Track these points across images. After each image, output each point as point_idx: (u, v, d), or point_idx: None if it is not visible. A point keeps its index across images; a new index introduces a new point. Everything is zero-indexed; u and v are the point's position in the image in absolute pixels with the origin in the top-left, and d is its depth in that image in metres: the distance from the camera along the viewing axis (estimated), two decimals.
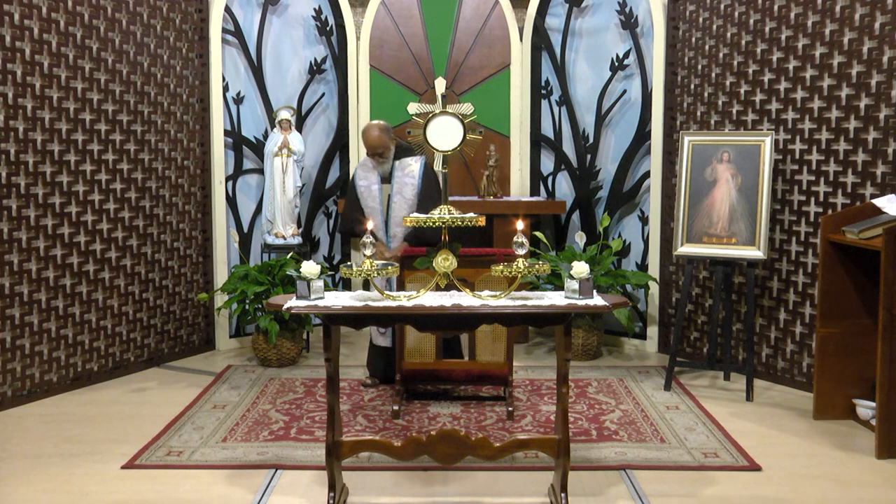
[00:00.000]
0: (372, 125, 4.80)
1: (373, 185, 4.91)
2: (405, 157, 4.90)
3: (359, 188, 4.96)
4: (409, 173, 4.86)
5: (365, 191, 4.93)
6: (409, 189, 4.84)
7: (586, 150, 6.25)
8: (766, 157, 4.85)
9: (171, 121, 5.63)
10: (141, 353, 5.49)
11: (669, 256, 5.67)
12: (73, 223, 4.99)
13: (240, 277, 5.52)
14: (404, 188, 4.85)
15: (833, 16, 4.75)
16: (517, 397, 4.83)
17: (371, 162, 4.89)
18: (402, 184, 4.85)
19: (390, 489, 3.64)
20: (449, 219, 3.20)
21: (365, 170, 4.95)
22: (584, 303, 3.26)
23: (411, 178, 4.85)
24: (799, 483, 3.70)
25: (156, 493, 3.59)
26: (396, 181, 4.86)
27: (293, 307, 3.25)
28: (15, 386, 4.70)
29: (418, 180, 4.84)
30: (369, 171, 4.92)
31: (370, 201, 4.90)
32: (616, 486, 3.65)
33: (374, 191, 4.89)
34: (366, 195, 4.92)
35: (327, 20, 6.35)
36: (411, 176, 4.85)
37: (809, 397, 4.64)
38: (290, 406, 4.70)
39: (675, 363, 5.04)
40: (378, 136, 4.76)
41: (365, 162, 4.97)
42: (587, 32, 6.23)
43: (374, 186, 4.90)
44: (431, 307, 3.22)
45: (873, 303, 4.30)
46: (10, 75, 4.61)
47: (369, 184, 4.92)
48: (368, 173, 4.93)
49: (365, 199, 4.92)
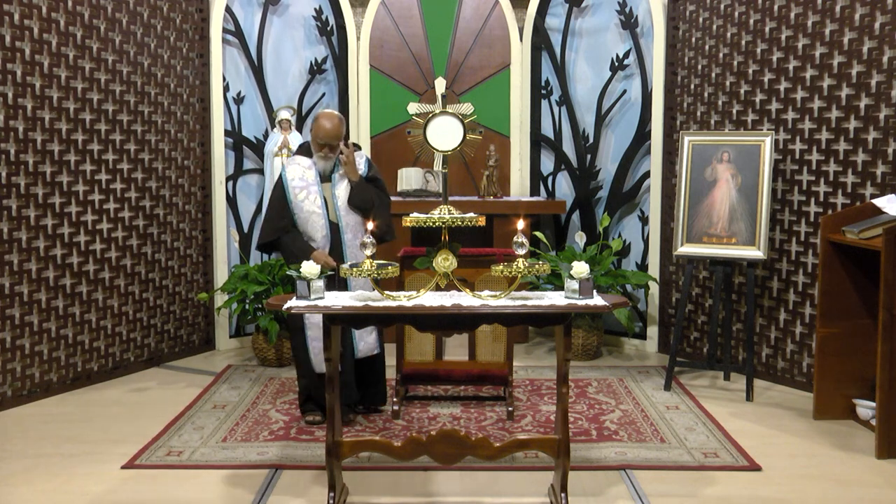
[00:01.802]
0: (331, 113, 4.34)
1: (311, 185, 4.35)
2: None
3: (291, 191, 4.34)
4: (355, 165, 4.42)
5: (300, 192, 4.34)
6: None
7: (586, 150, 6.25)
8: (766, 157, 4.85)
9: (172, 121, 5.63)
10: (141, 353, 5.49)
11: (669, 256, 5.67)
12: (73, 223, 4.99)
13: (240, 277, 5.52)
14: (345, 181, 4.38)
15: (833, 16, 4.75)
16: (517, 397, 4.83)
17: (308, 160, 4.39)
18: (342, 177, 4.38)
19: (390, 489, 3.64)
20: (449, 219, 3.20)
21: (299, 169, 4.38)
22: (584, 303, 3.25)
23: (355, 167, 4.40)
24: (799, 483, 3.70)
25: (156, 493, 3.59)
26: (341, 176, 4.38)
27: (293, 307, 3.25)
28: (15, 386, 4.70)
29: (364, 167, 4.43)
30: (306, 170, 4.37)
31: (307, 204, 4.32)
32: (616, 486, 3.65)
33: (312, 192, 4.33)
34: (301, 198, 4.33)
35: (328, 20, 6.35)
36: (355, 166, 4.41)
37: (809, 397, 4.64)
38: (290, 406, 4.70)
39: (675, 363, 5.04)
40: (338, 125, 4.30)
41: (299, 161, 4.42)
42: (587, 32, 6.23)
43: (312, 187, 4.34)
44: (431, 307, 3.22)
45: (873, 303, 4.30)
46: (10, 75, 4.61)
47: (306, 185, 4.35)
48: (305, 172, 4.37)
49: (299, 203, 4.33)
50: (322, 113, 4.36)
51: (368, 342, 4.45)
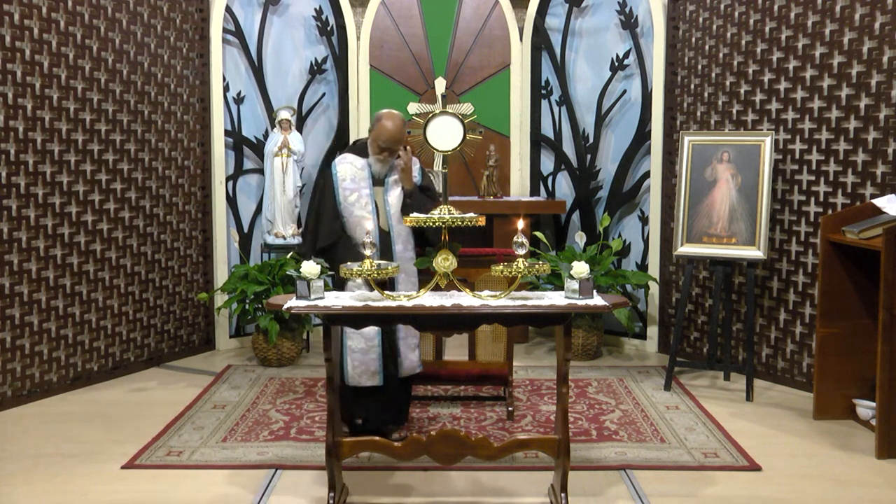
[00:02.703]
0: (394, 114, 4.01)
1: (363, 188, 4.07)
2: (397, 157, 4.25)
3: (341, 192, 4.07)
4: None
5: (351, 195, 4.06)
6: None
7: (586, 150, 6.25)
8: (766, 157, 4.85)
9: (172, 121, 5.63)
10: (141, 353, 5.49)
11: (669, 256, 5.67)
12: (73, 223, 4.99)
13: (240, 277, 5.52)
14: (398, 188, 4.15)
15: (833, 16, 4.75)
16: (517, 397, 4.83)
17: (361, 160, 4.10)
18: (398, 183, 4.14)
19: (390, 489, 3.64)
20: (449, 219, 3.20)
21: (351, 169, 4.09)
22: (584, 303, 3.25)
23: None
24: (799, 483, 3.70)
25: (156, 493, 3.59)
26: (393, 181, 4.13)
27: (293, 307, 3.25)
28: (15, 386, 4.70)
29: (418, 175, 4.20)
30: (358, 171, 4.09)
31: (357, 209, 4.03)
32: (616, 486, 3.65)
33: (363, 196, 4.05)
34: (351, 201, 4.05)
35: (328, 20, 6.35)
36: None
37: (809, 397, 4.64)
38: (290, 406, 4.70)
39: (675, 363, 5.03)
40: (401, 128, 3.98)
41: (351, 160, 4.12)
42: (587, 32, 6.23)
43: (364, 190, 4.06)
44: (431, 307, 3.21)
45: (873, 303, 4.30)
46: (10, 75, 4.61)
47: (357, 187, 4.07)
48: (357, 173, 4.09)
49: (348, 206, 4.05)
50: (385, 113, 4.03)
51: (412, 360, 4.17)
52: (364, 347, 4.03)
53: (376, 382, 4.06)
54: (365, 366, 4.04)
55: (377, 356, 4.05)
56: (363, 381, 4.04)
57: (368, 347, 4.03)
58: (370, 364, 4.04)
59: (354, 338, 4.02)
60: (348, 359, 4.04)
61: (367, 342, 4.03)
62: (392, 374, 4.09)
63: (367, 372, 4.04)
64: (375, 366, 4.04)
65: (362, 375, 4.04)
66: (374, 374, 4.05)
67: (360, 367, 4.04)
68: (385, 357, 4.07)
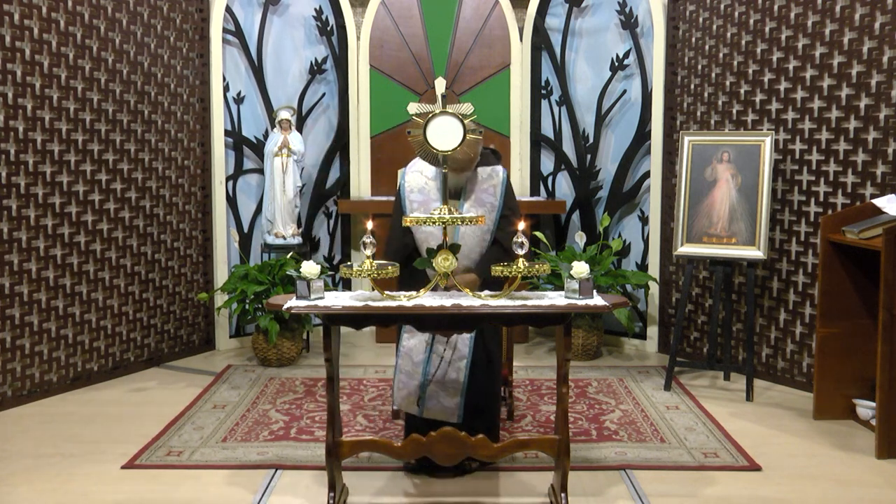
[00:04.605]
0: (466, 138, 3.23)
1: (432, 201, 3.64)
2: (481, 164, 3.75)
3: (408, 204, 3.69)
4: (488, 189, 3.73)
5: (419, 209, 3.65)
6: (488, 210, 3.70)
7: (586, 150, 6.25)
8: (766, 157, 4.85)
9: (172, 121, 5.63)
10: (141, 353, 5.49)
11: (669, 256, 5.67)
12: (73, 223, 4.99)
13: (240, 277, 5.52)
14: (481, 208, 3.67)
15: (833, 16, 4.75)
16: (517, 397, 4.83)
17: (432, 169, 3.67)
18: (478, 201, 3.68)
19: (390, 489, 3.64)
20: (449, 219, 3.20)
21: (420, 179, 3.72)
22: (584, 303, 3.25)
23: (490, 195, 3.72)
24: (799, 483, 3.70)
25: (156, 493, 3.59)
26: (470, 199, 3.68)
27: (293, 307, 3.25)
28: (15, 386, 4.70)
29: (499, 199, 3.70)
30: (428, 181, 3.70)
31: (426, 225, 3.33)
32: (616, 486, 3.65)
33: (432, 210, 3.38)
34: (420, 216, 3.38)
35: (328, 20, 6.35)
36: (490, 193, 3.73)
37: (809, 397, 4.64)
38: (290, 406, 4.70)
39: (675, 363, 5.04)
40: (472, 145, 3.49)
41: (421, 168, 3.73)
42: (587, 32, 6.23)
43: (434, 204, 3.60)
44: (431, 307, 3.21)
45: (873, 303, 4.30)
46: (10, 75, 4.61)
47: (426, 199, 3.67)
48: (427, 183, 3.70)
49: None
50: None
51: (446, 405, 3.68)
52: (411, 369, 3.69)
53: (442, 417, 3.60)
54: (407, 390, 3.68)
55: (419, 384, 3.64)
56: (402, 405, 3.72)
57: (413, 371, 3.67)
58: (413, 392, 3.64)
59: (404, 357, 3.71)
60: (397, 378, 3.74)
61: (414, 366, 3.69)
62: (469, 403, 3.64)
63: (409, 398, 3.66)
64: (417, 394, 3.62)
65: (403, 398, 3.69)
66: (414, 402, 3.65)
67: (403, 389, 3.70)
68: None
